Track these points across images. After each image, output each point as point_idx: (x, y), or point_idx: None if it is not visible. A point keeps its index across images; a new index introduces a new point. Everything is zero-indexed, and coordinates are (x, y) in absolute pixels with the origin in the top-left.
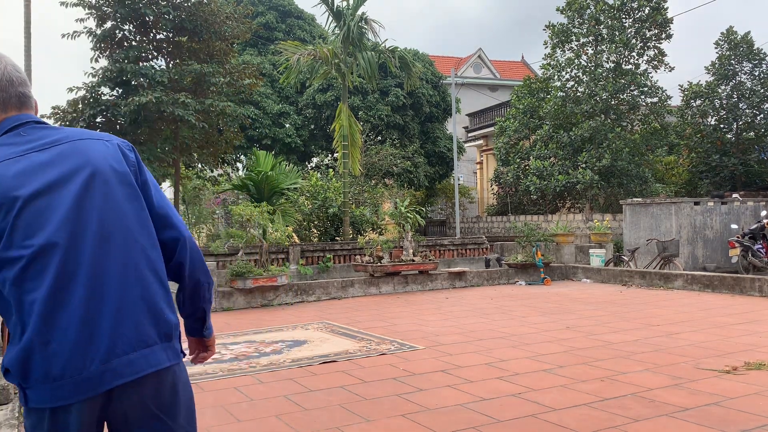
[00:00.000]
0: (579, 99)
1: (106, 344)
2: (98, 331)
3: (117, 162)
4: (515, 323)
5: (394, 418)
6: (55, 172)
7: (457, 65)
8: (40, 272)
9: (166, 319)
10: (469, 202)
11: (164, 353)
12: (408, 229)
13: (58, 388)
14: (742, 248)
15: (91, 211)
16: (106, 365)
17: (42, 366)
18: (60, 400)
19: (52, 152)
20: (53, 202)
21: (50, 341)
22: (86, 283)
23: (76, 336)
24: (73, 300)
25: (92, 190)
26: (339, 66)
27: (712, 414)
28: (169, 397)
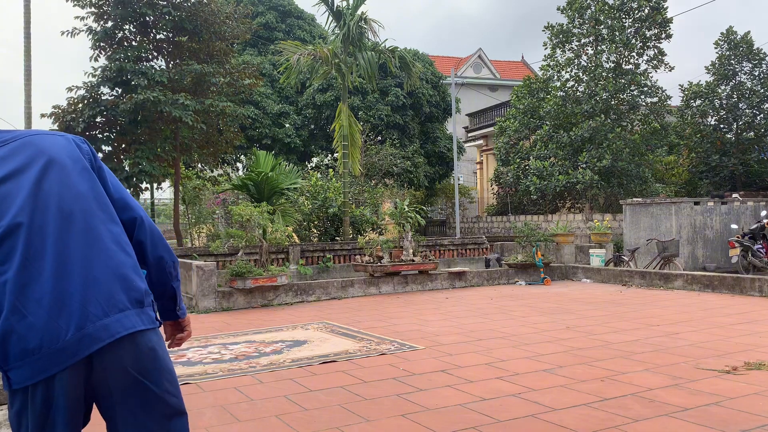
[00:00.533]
0: (579, 99)
1: (79, 312)
2: (70, 301)
3: (71, 151)
4: (515, 323)
5: (394, 418)
6: (12, 164)
7: (457, 65)
8: (8, 253)
9: (135, 286)
10: (469, 202)
11: (138, 318)
12: (408, 229)
13: (36, 361)
14: (742, 248)
15: (50, 193)
16: (81, 332)
17: (19, 342)
18: (41, 373)
19: (8, 148)
20: (13, 189)
21: (25, 315)
22: (54, 257)
23: (50, 307)
24: (43, 274)
25: (49, 175)
26: (339, 66)
27: (712, 414)
28: (149, 362)
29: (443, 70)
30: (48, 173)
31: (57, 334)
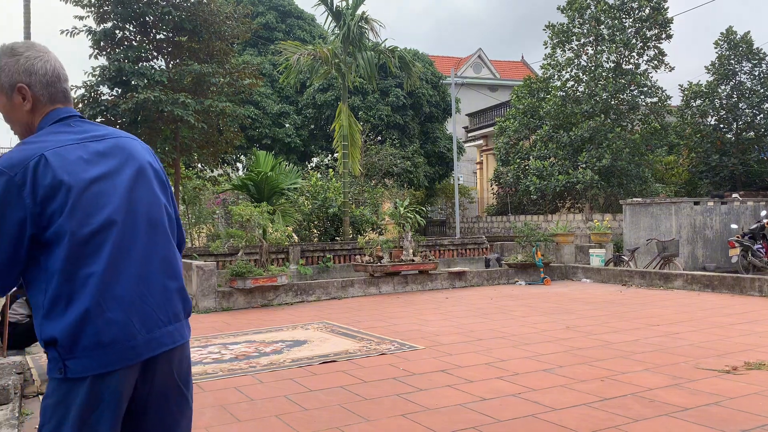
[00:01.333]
0: (579, 99)
1: (151, 316)
2: (145, 304)
3: (153, 162)
4: (515, 323)
5: (394, 418)
6: (110, 162)
7: (457, 65)
8: (99, 247)
9: (188, 300)
10: (469, 202)
11: (186, 329)
12: (408, 229)
13: (105, 354)
14: (742, 248)
15: (141, 200)
16: (150, 334)
17: (94, 334)
18: (106, 366)
19: (105, 144)
20: (110, 187)
21: (106, 311)
22: (139, 260)
23: (128, 306)
24: (128, 273)
25: (139, 182)
26: (339, 66)
27: (712, 414)
28: (186, 369)
29: (443, 70)
30: (138, 180)
31: (131, 332)
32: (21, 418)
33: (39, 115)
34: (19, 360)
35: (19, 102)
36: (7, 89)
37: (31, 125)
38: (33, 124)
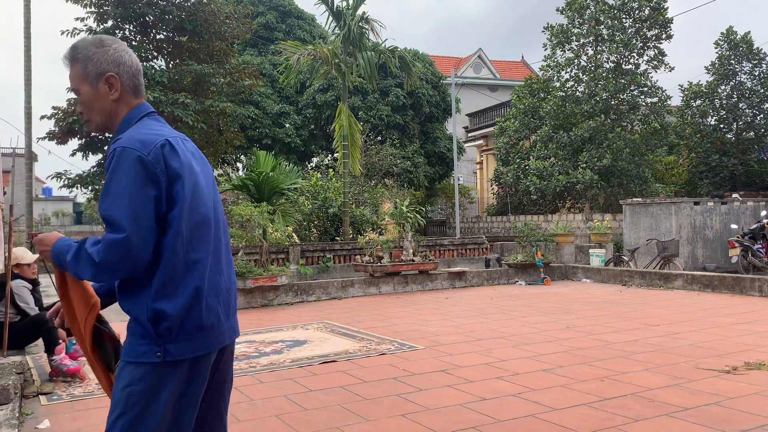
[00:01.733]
0: (579, 99)
1: (230, 307)
2: (229, 295)
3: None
4: (515, 323)
5: (394, 418)
6: (200, 162)
7: (457, 65)
8: (202, 236)
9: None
10: (469, 202)
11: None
12: (408, 229)
13: (204, 337)
14: (742, 248)
15: (217, 203)
16: (229, 322)
17: (198, 317)
18: (204, 349)
19: (191, 144)
20: (204, 185)
21: (208, 296)
22: (225, 254)
23: (222, 295)
24: (221, 265)
25: (214, 186)
26: (339, 66)
27: (712, 414)
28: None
29: (443, 70)
30: (214, 184)
31: (221, 319)
32: (21, 418)
33: (125, 106)
34: (19, 360)
35: (105, 91)
36: (93, 78)
37: (113, 116)
38: (116, 115)
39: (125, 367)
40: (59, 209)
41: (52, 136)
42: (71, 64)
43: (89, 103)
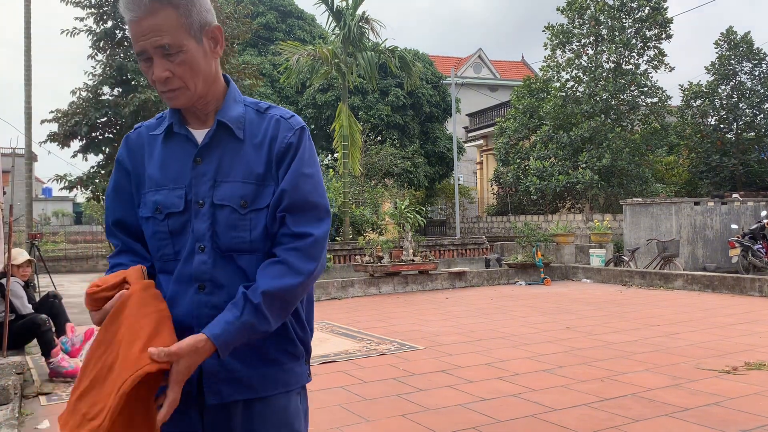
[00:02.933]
0: (579, 99)
1: None
2: None
3: None
4: (515, 323)
5: (394, 418)
6: None
7: (457, 65)
8: None
9: None
10: (469, 202)
11: None
12: (408, 229)
13: None
14: (742, 248)
15: None
16: None
17: None
18: None
19: None
20: None
21: None
22: None
23: None
24: None
25: None
26: (339, 66)
27: (712, 414)
28: None
29: (443, 70)
30: None
31: None
32: (21, 418)
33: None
34: (18, 360)
35: (210, 49)
36: (197, 30)
37: (216, 81)
38: (218, 80)
39: (289, 401)
40: (59, 209)
41: (54, 138)
42: (161, 7)
43: (197, 64)
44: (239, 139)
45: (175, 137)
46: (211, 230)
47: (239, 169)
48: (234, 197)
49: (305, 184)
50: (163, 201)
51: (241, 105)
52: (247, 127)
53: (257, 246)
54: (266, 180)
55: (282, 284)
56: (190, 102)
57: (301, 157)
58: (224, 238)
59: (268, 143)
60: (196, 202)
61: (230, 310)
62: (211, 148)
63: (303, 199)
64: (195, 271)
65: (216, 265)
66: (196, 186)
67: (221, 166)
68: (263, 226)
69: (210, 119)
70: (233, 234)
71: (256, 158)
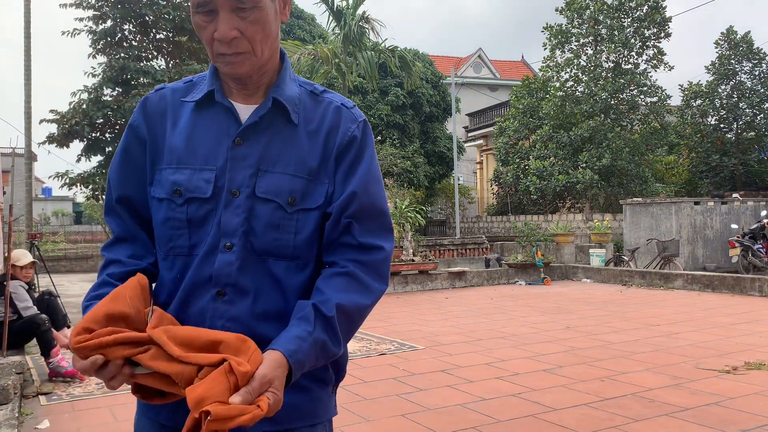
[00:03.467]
0: (578, 99)
1: None
2: None
3: None
4: (515, 323)
5: (394, 418)
6: None
7: (457, 65)
8: None
9: None
10: (469, 202)
11: None
12: (408, 229)
13: None
14: (742, 248)
15: None
16: None
17: None
18: None
19: None
20: None
21: None
22: None
23: None
24: None
25: None
26: (339, 65)
27: (712, 414)
28: None
29: (443, 69)
30: None
31: None
32: (21, 418)
33: None
34: (18, 360)
35: (279, 8)
36: None
37: (277, 50)
38: (278, 50)
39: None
40: (59, 209)
41: (52, 139)
42: None
43: (266, 24)
44: (293, 124)
45: (212, 108)
46: (245, 226)
47: (290, 159)
48: (282, 191)
49: (376, 188)
50: (185, 182)
51: (296, 84)
52: (301, 111)
53: (300, 252)
54: (319, 176)
55: (354, 300)
56: (253, 71)
57: (371, 156)
58: (263, 237)
59: (325, 133)
60: (229, 190)
61: (298, 325)
62: (259, 130)
63: (373, 205)
64: (216, 273)
65: (243, 269)
66: (233, 171)
67: (268, 152)
68: (311, 230)
69: (259, 95)
70: (275, 235)
71: (310, 149)
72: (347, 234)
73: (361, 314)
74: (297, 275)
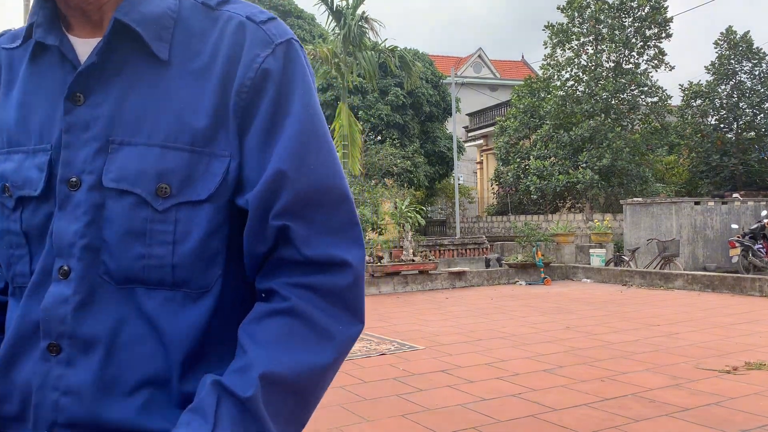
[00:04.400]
0: (579, 98)
1: None
2: None
3: None
4: (515, 323)
5: (394, 418)
6: None
7: (457, 65)
8: None
9: None
10: (469, 202)
11: None
12: (408, 229)
13: None
14: (742, 248)
15: None
16: None
17: None
18: None
19: None
20: None
21: None
22: None
23: None
24: None
25: None
26: (339, 65)
27: (713, 414)
28: None
29: (443, 69)
30: None
31: None
32: None
33: None
34: None
35: None
36: None
37: None
38: None
39: None
40: None
41: None
42: None
43: None
44: (160, 61)
45: (47, 55)
46: (88, 237)
47: (159, 120)
48: (145, 176)
49: (321, 156)
50: (12, 174)
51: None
52: (177, 37)
53: (186, 275)
54: (212, 144)
55: (300, 361)
56: None
57: (305, 103)
58: (119, 254)
59: (220, 70)
60: (64, 179)
61: (189, 423)
62: (103, 77)
63: (322, 187)
64: (45, 315)
65: (87, 307)
66: (70, 148)
67: (123, 112)
68: (203, 235)
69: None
70: (140, 249)
71: (194, 99)
72: (285, 245)
73: (318, 381)
74: (185, 313)
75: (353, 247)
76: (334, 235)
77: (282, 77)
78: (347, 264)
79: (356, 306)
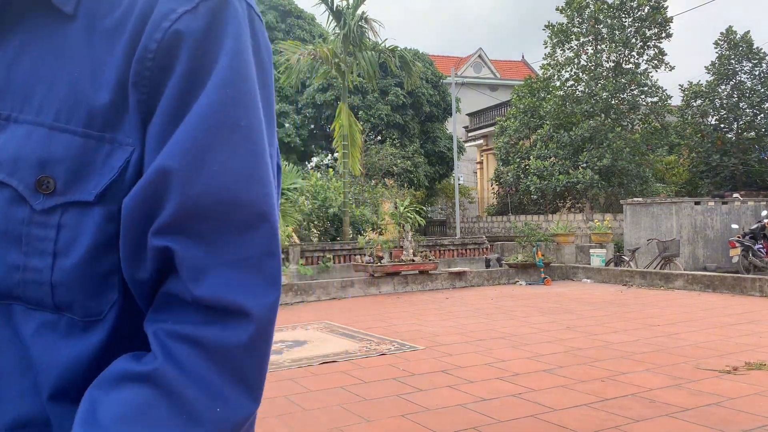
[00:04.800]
0: (579, 99)
1: None
2: None
3: None
4: (515, 323)
5: (394, 418)
6: None
7: (458, 65)
8: None
9: None
10: (469, 202)
11: None
12: (408, 229)
13: None
14: (742, 248)
15: None
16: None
17: None
18: None
19: None
20: None
21: None
22: None
23: None
24: None
25: None
26: (339, 65)
27: (713, 414)
28: None
29: (443, 69)
30: None
31: None
32: None
33: None
34: None
35: None
36: None
37: None
38: None
39: None
40: None
41: None
42: None
43: None
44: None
45: None
46: None
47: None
48: (24, 163)
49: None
50: None
51: None
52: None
53: (68, 297)
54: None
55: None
56: None
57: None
58: None
59: (131, 29)
60: None
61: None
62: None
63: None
64: None
65: None
66: None
67: (12, 76)
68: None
69: None
70: (14, 257)
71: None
72: (172, 275)
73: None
74: (68, 344)
75: (262, 289)
76: (238, 268)
77: (202, 43)
78: (245, 313)
79: (249, 376)
